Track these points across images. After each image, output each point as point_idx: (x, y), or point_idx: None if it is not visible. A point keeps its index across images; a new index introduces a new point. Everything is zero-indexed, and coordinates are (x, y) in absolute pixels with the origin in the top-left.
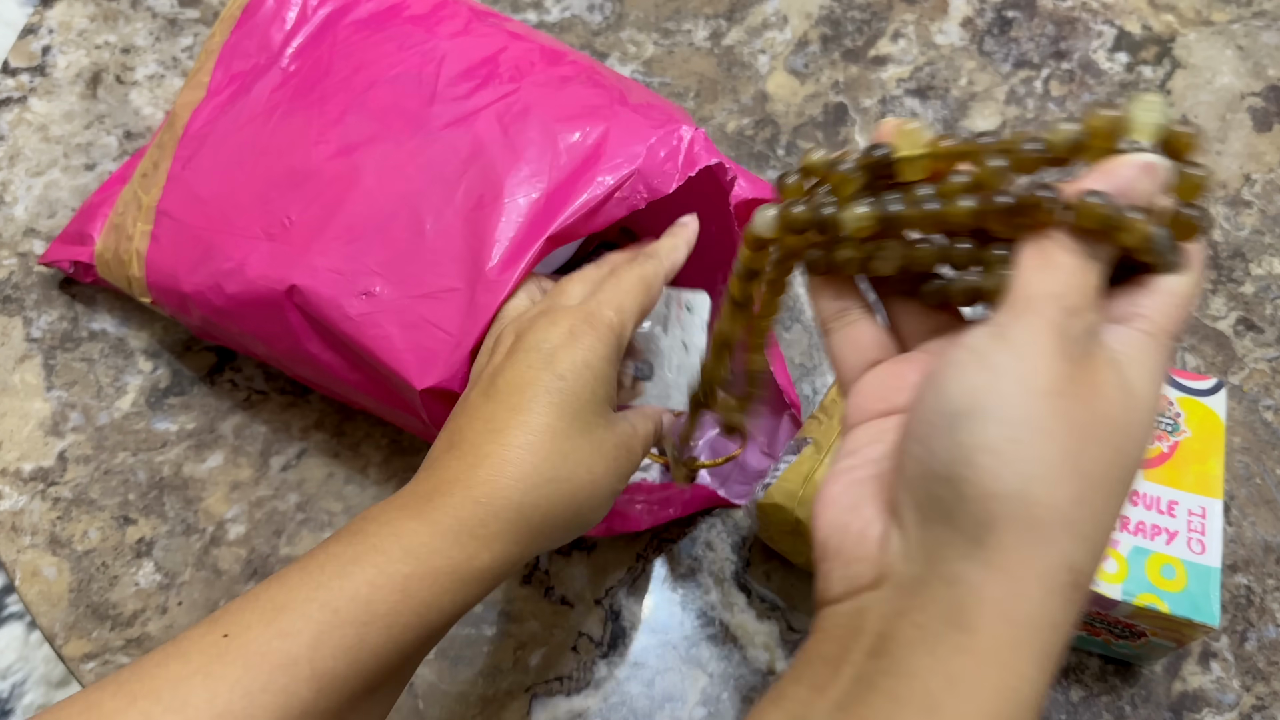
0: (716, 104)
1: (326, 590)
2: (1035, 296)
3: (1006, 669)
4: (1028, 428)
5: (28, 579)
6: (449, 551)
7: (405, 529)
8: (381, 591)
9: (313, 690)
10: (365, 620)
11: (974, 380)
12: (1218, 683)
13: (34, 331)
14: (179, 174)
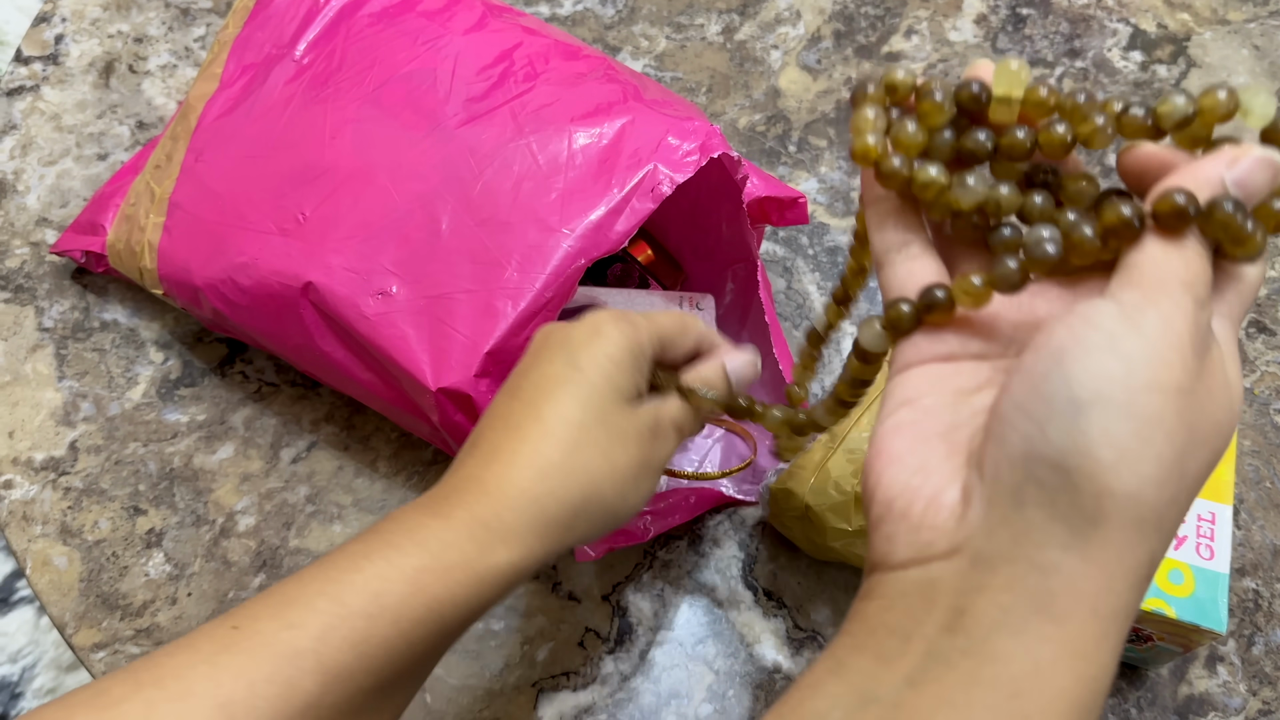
0: (728, 99)
1: (336, 584)
2: (1169, 281)
3: (1090, 660)
4: (1156, 427)
5: (39, 568)
6: (463, 546)
7: (420, 524)
8: (391, 584)
9: (318, 683)
10: (373, 613)
11: (1106, 367)
12: (1224, 687)
13: (46, 321)
14: (192, 166)
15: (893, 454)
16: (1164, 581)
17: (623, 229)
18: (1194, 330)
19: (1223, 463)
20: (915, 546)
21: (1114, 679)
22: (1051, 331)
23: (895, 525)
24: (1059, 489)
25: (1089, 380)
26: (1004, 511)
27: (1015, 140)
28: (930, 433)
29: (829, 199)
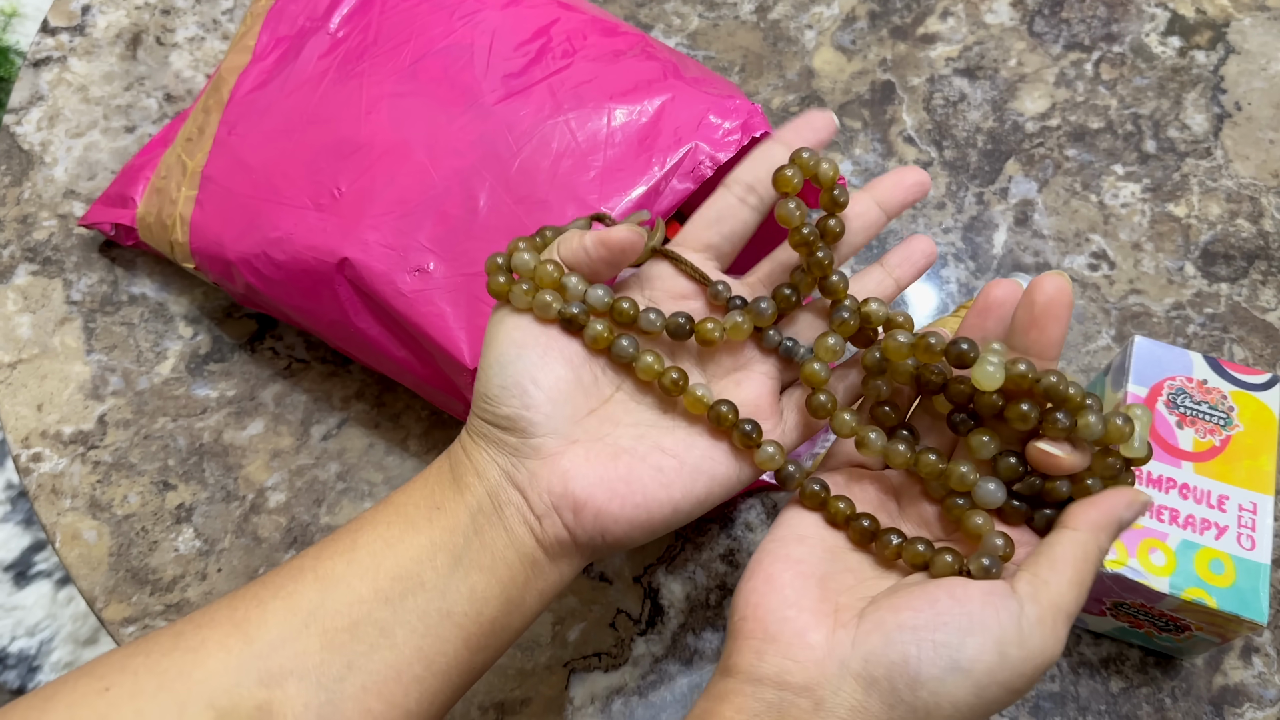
0: (761, 79)
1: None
2: (1061, 613)
3: None
4: (991, 706)
5: (68, 542)
6: (431, 480)
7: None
8: (374, 509)
9: (316, 590)
10: (354, 528)
11: (990, 658)
12: (1259, 678)
13: (74, 294)
14: (225, 139)
15: (776, 580)
16: (1205, 571)
17: (662, 208)
18: (1060, 648)
19: (1264, 453)
20: (777, 669)
21: (1149, 669)
22: (970, 595)
23: (764, 644)
24: (903, 705)
25: (976, 659)
26: (856, 686)
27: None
28: (811, 573)
29: (863, 181)
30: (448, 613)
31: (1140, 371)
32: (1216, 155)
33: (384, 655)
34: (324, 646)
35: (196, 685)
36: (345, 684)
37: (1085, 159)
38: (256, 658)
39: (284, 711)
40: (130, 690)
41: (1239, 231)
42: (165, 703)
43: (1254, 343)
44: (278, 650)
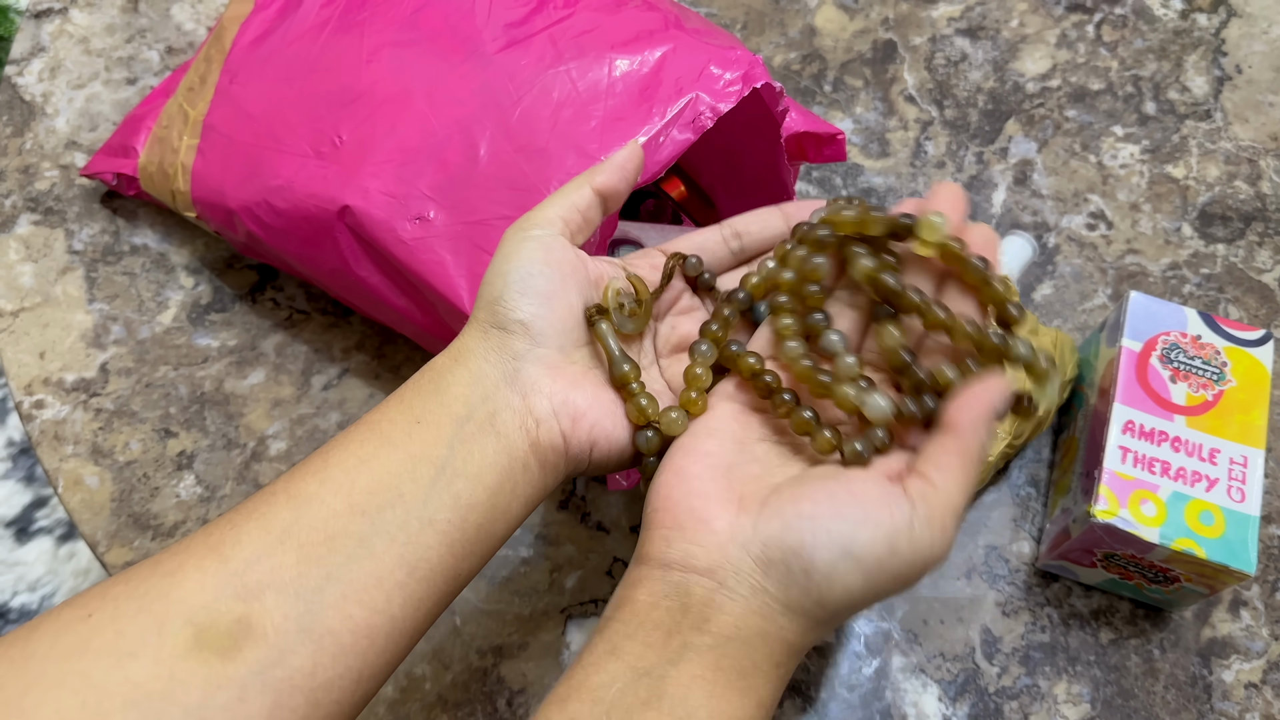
0: (763, 37)
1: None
2: (950, 514)
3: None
4: (875, 592)
5: (70, 487)
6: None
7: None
8: (347, 431)
9: (289, 509)
10: (328, 448)
11: (879, 549)
12: (1247, 630)
13: (76, 244)
14: (227, 88)
15: (684, 473)
16: (1195, 522)
17: (662, 158)
18: (948, 546)
19: (1256, 408)
20: (683, 554)
21: (1138, 620)
22: (867, 492)
23: (672, 532)
24: (797, 586)
25: (867, 550)
26: (755, 567)
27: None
28: (719, 465)
29: (864, 140)
30: (429, 520)
31: (1135, 326)
32: (1216, 118)
33: (363, 564)
34: (300, 560)
35: (174, 604)
36: (324, 593)
37: (1085, 120)
38: (233, 575)
39: (263, 623)
40: (111, 614)
41: (1237, 193)
42: (145, 623)
43: (1249, 303)
44: (253, 567)
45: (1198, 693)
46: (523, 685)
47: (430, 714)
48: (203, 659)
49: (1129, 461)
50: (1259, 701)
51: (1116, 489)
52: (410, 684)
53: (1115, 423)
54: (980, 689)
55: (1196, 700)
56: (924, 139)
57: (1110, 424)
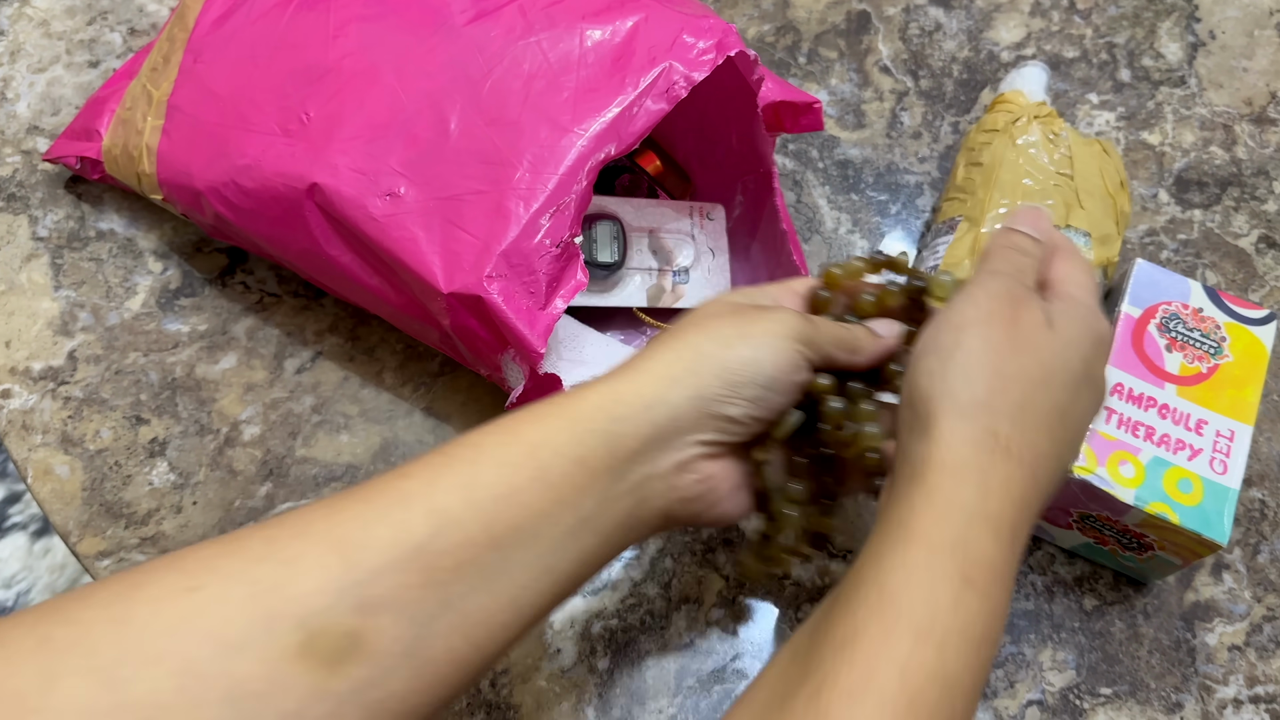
0: (736, 9)
1: (446, 444)
2: (990, 271)
3: (947, 499)
4: (952, 351)
5: (40, 477)
6: (580, 431)
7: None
8: (493, 437)
9: (427, 524)
10: (475, 459)
11: (929, 332)
12: (1229, 593)
13: (40, 230)
14: (191, 68)
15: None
16: (1173, 489)
17: (636, 129)
18: (996, 293)
19: (1250, 385)
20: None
21: (1121, 587)
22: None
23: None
24: (912, 411)
25: (922, 342)
26: (904, 439)
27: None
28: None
29: (839, 111)
30: (551, 568)
31: (1136, 294)
32: (1190, 84)
33: (480, 599)
34: (425, 583)
35: (289, 602)
36: (436, 622)
37: (1060, 88)
38: (355, 585)
39: (374, 642)
40: (219, 594)
41: (1212, 159)
42: (254, 614)
43: (1226, 268)
44: (378, 579)
45: (1182, 656)
46: (506, 665)
47: None
48: (308, 667)
49: (1113, 423)
50: (1242, 663)
51: (1097, 448)
52: None
53: None
54: None
55: (1181, 664)
56: (899, 110)
57: None
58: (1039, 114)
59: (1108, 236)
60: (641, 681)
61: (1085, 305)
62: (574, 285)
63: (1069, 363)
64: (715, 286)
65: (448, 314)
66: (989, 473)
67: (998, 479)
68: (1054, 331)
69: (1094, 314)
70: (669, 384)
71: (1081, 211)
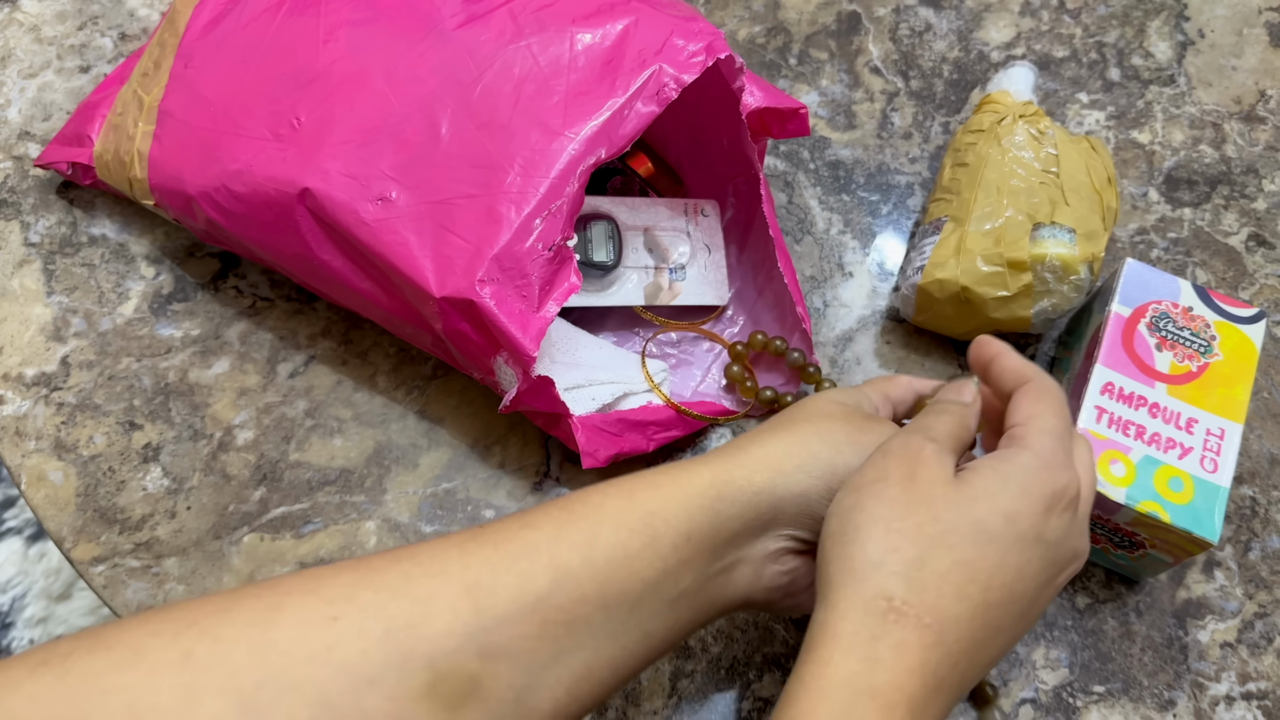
0: (727, 11)
1: (569, 499)
2: (901, 431)
3: (834, 672)
4: (850, 512)
5: (34, 483)
6: (695, 482)
7: (642, 483)
8: (612, 499)
9: (549, 579)
10: (596, 519)
11: (837, 495)
12: (1221, 591)
13: (32, 236)
14: (182, 73)
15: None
16: (1163, 487)
17: (627, 132)
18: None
19: (1240, 383)
20: None
21: (1114, 584)
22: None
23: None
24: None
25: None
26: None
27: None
28: None
29: (830, 112)
30: (649, 634)
31: (1127, 293)
32: (1180, 82)
33: (584, 655)
34: (541, 636)
35: (421, 641)
36: (546, 673)
37: (1050, 87)
38: (482, 630)
39: (492, 688)
40: (357, 628)
41: (1202, 157)
42: (389, 651)
43: (1216, 266)
44: (503, 627)
45: (1174, 654)
46: None
47: None
48: (431, 707)
49: (1104, 422)
50: (1234, 660)
51: None
52: None
53: (1094, 383)
54: None
55: (1173, 661)
56: (890, 110)
57: (1089, 384)
58: (1024, 113)
59: (1093, 233)
60: (635, 683)
61: (1033, 455)
62: (566, 288)
63: (976, 517)
64: (712, 283)
65: (440, 318)
66: (879, 640)
67: (888, 646)
68: (958, 484)
69: (1042, 466)
70: (778, 475)
71: (1067, 208)
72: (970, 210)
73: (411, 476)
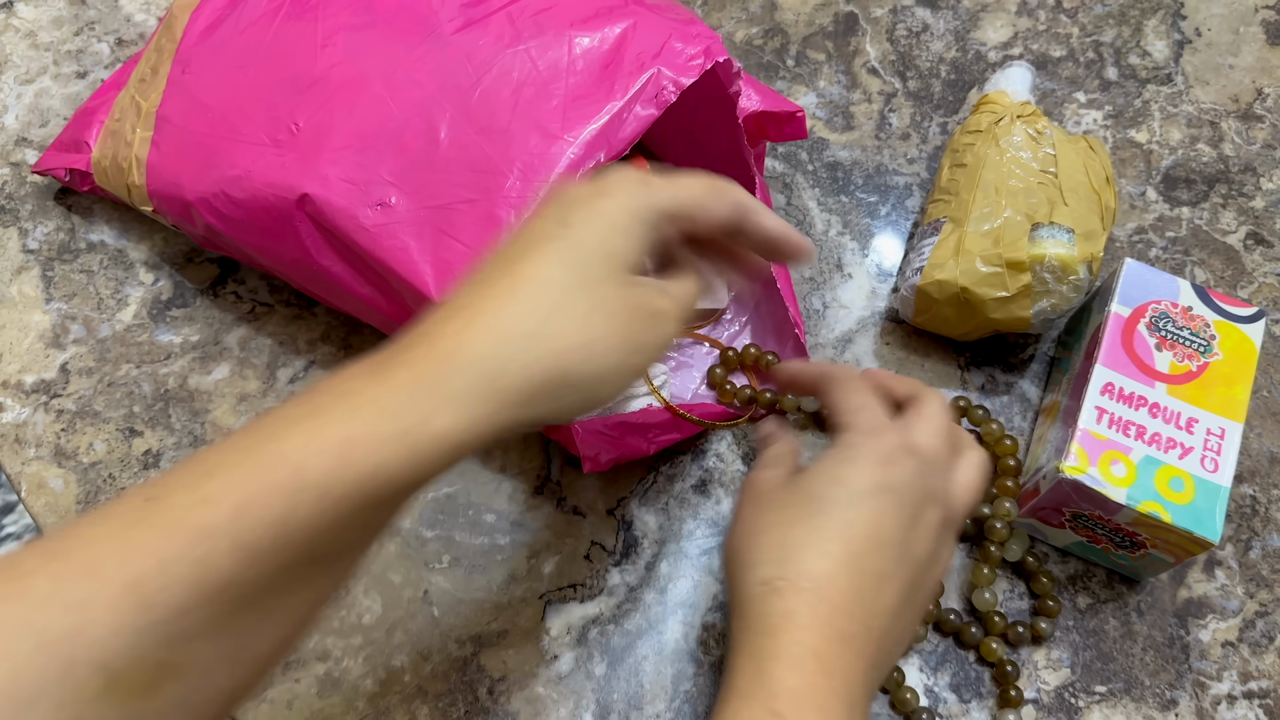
0: (724, 13)
1: (255, 455)
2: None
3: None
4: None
5: (34, 490)
6: (399, 412)
7: (354, 388)
8: (315, 456)
9: (236, 561)
10: (294, 489)
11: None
12: (1222, 590)
13: (30, 243)
14: (179, 78)
15: None
16: (1164, 487)
17: (626, 135)
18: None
19: (1240, 382)
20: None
21: (1114, 584)
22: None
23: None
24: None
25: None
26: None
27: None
28: None
29: (828, 113)
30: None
31: (1126, 293)
32: (1177, 81)
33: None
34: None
35: (84, 649)
36: (256, 631)
37: (1048, 87)
38: (160, 624)
39: (190, 663)
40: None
41: (1199, 156)
42: (47, 665)
43: (1215, 265)
44: (184, 616)
45: (1175, 653)
46: (503, 673)
47: (410, 705)
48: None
49: (1104, 422)
50: (1236, 659)
51: (1089, 448)
52: (389, 676)
53: (1094, 383)
54: (960, 658)
55: (1175, 661)
56: (888, 111)
57: (1089, 384)
58: (1022, 113)
59: (1092, 232)
60: (638, 686)
61: (851, 430)
62: None
63: (814, 491)
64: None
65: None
66: (768, 614)
67: (778, 616)
68: (795, 478)
69: (859, 432)
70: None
71: (1065, 208)
72: (969, 211)
73: None
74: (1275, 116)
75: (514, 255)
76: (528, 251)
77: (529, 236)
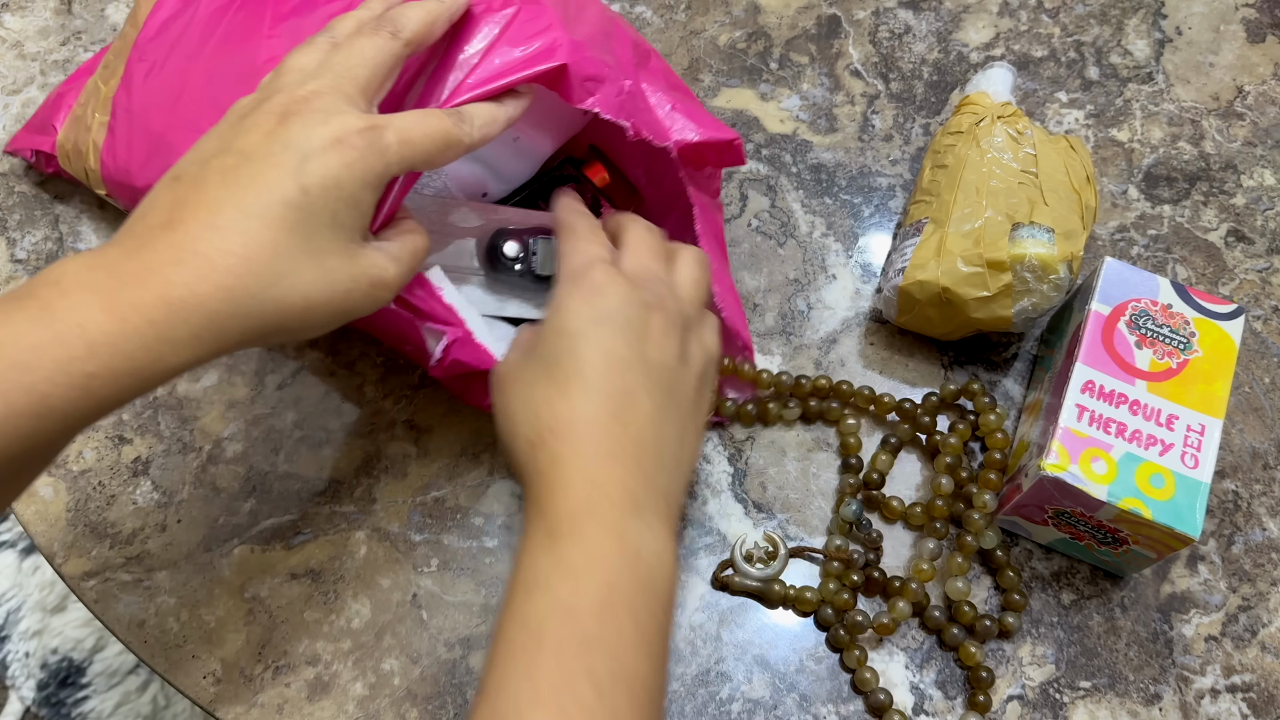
0: (708, 16)
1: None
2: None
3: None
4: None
5: (24, 499)
6: (134, 353)
7: (93, 322)
8: (61, 389)
9: None
10: (40, 414)
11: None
12: (1205, 585)
13: (18, 252)
14: (135, 65)
15: None
16: (1145, 484)
17: None
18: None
19: (1219, 379)
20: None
21: (1098, 580)
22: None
23: None
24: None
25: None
26: None
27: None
28: None
29: (811, 116)
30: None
31: (1106, 291)
32: (1158, 80)
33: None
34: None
35: None
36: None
37: (1030, 87)
38: None
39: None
40: None
41: (1181, 154)
42: None
43: (1196, 262)
44: None
45: (1159, 648)
46: None
47: (400, 709)
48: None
49: (1085, 420)
50: (1219, 654)
51: (1069, 445)
52: (379, 680)
53: (1075, 382)
54: (946, 655)
55: (1158, 655)
56: (871, 113)
57: (1070, 382)
58: (1003, 114)
59: (1072, 231)
60: None
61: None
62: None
63: (546, 332)
64: None
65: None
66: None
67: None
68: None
69: (565, 278)
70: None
71: (1045, 208)
72: (950, 212)
73: (401, 485)
74: (1256, 114)
75: (249, 206)
76: (264, 209)
77: (266, 184)
